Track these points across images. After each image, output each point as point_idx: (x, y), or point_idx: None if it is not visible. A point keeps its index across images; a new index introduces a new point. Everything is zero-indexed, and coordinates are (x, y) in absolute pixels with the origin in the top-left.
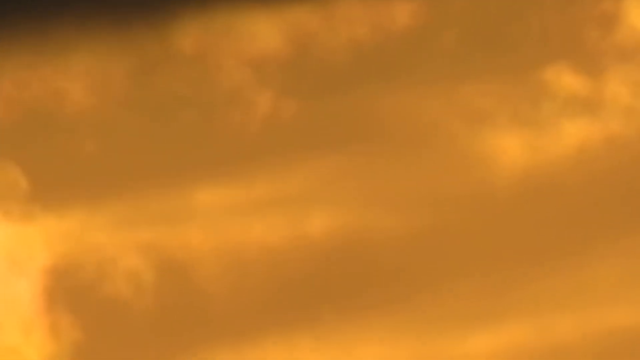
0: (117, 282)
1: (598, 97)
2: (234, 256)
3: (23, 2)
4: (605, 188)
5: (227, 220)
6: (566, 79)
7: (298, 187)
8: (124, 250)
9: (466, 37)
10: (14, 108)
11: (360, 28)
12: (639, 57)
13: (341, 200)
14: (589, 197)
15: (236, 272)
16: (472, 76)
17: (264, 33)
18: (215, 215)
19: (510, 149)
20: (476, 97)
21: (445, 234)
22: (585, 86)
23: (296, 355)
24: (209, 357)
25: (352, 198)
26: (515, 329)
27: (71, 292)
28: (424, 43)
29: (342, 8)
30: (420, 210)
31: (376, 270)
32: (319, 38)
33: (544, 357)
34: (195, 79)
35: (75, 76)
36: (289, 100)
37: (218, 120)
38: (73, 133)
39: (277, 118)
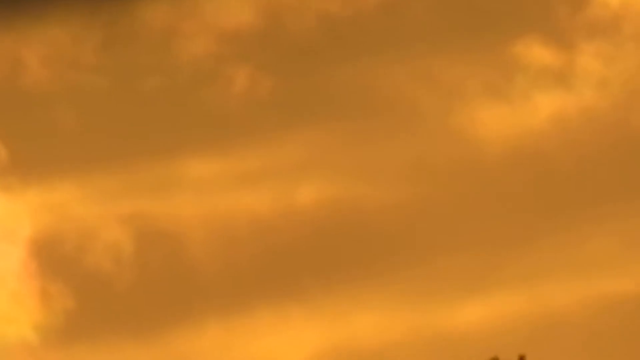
0: (99, 254)
1: (570, 70)
2: (223, 227)
3: None
4: (584, 157)
5: (216, 192)
6: (537, 52)
7: (287, 159)
8: (109, 222)
9: (438, 11)
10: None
11: (333, 1)
12: (609, 31)
13: (329, 172)
14: (568, 167)
15: (225, 242)
16: (445, 50)
17: (236, 7)
18: (204, 186)
19: (486, 120)
20: (449, 71)
21: (435, 205)
22: (557, 59)
23: (286, 324)
24: (198, 327)
25: (340, 169)
26: (507, 298)
27: (56, 263)
28: (396, 17)
29: None
30: (406, 181)
31: (365, 240)
32: (291, 12)
33: (537, 325)
34: (165, 53)
35: (46, 48)
36: (266, 74)
37: (197, 93)
38: (51, 106)
39: (255, 92)
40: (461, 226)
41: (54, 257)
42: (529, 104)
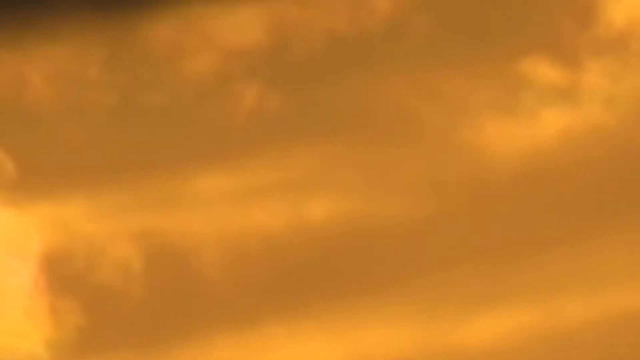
0: (109, 270)
1: (576, 87)
2: (234, 243)
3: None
4: (592, 172)
5: (226, 207)
6: (543, 70)
7: (298, 174)
8: (118, 238)
9: (445, 29)
10: (5, 96)
11: (340, 18)
12: (616, 50)
13: (341, 187)
14: (577, 181)
15: (236, 258)
16: (452, 66)
17: (243, 23)
18: (214, 202)
19: (494, 136)
20: (456, 86)
21: (445, 219)
22: (563, 77)
23: (297, 340)
24: (209, 343)
25: (351, 185)
26: (519, 313)
27: (66, 279)
28: (404, 34)
29: None
30: (416, 196)
31: (377, 256)
32: (297, 29)
33: (548, 342)
34: (173, 69)
35: (52, 65)
36: (274, 91)
37: (205, 109)
38: (58, 123)
39: (263, 108)
40: (471, 241)
41: (63, 273)
42: (536, 120)
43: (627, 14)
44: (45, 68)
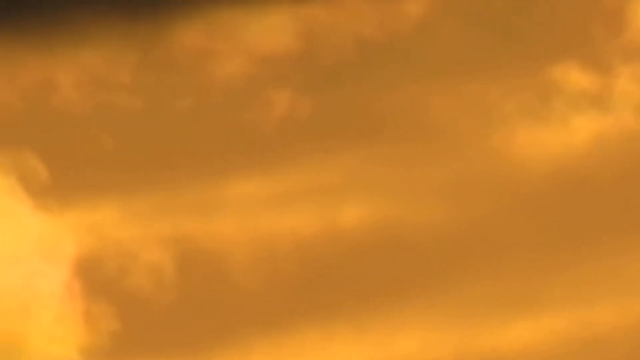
0: (141, 275)
1: (607, 93)
2: (267, 247)
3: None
4: (624, 178)
5: (259, 212)
6: (574, 77)
7: (330, 179)
8: (151, 243)
9: (476, 35)
10: (31, 100)
11: (369, 23)
12: None
13: (373, 192)
14: (609, 187)
15: (269, 263)
16: (481, 72)
17: (272, 29)
18: (247, 207)
19: (525, 143)
20: (486, 93)
21: (478, 225)
22: (594, 83)
23: (332, 344)
24: (244, 347)
25: (384, 189)
26: (554, 318)
27: (99, 284)
28: (434, 39)
29: (350, 3)
30: (448, 202)
31: (409, 261)
32: (327, 35)
33: (584, 347)
34: (203, 75)
35: (84, 70)
36: (305, 97)
37: (236, 115)
38: (89, 128)
39: (295, 114)
40: (505, 246)
41: (96, 278)
42: (567, 126)
43: None
44: (76, 73)
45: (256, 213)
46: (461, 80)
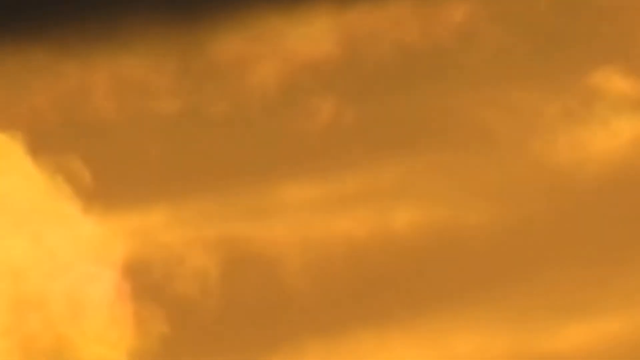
0: (194, 278)
1: None
2: (318, 251)
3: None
4: None
5: (310, 216)
6: (615, 81)
7: (381, 184)
8: (200, 247)
9: (516, 39)
10: (70, 106)
11: (411, 30)
12: None
13: (424, 196)
14: None
15: (320, 267)
16: (523, 78)
17: (313, 36)
18: (297, 210)
19: (567, 147)
20: (528, 98)
21: (528, 227)
22: (635, 87)
23: (386, 348)
24: (296, 352)
25: (434, 193)
26: (608, 322)
27: (146, 288)
28: (476, 45)
29: (392, 10)
30: (500, 205)
31: (462, 263)
32: (367, 41)
33: (636, 349)
34: (246, 80)
35: (124, 76)
36: (348, 103)
37: (282, 120)
38: (132, 132)
39: (340, 120)
40: (554, 249)
41: (145, 282)
42: (608, 130)
43: None
44: (115, 80)
45: (307, 218)
46: (504, 86)
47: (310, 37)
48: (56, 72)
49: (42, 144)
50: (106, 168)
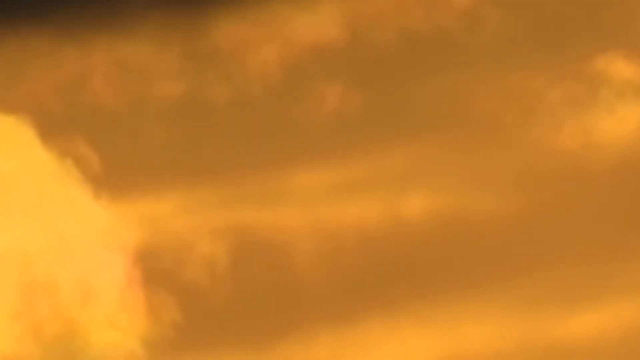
0: (204, 265)
1: None
2: (329, 238)
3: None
4: None
5: (321, 203)
6: (620, 67)
7: (394, 169)
8: (211, 234)
9: (520, 23)
10: (73, 90)
11: (415, 15)
12: None
13: (434, 182)
14: None
15: (330, 254)
16: (527, 64)
17: (318, 21)
18: (308, 197)
19: (572, 134)
20: (532, 84)
21: (539, 214)
22: (638, 74)
23: (397, 335)
24: (307, 340)
25: (448, 180)
26: (620, 308)
27: (157, 275)
28: (480, 31)
29: None
30: (510, 191)
31: (473, 251)
32: (371, 27)
33: None
34: (243, 64)
35: (129, 61)
36: (355, 88)
37: (290, 106)
38: (139, 119)
39: (348, 105)
40: (564, 237)
41: (156, 269)
42: (613, 116)
43: None
44: (118, 63)
45: (318, 204)
46: (508, 70)
47: (316, 22)
48: (57, 57)
49: (47, 129)
50: (112, 153)
